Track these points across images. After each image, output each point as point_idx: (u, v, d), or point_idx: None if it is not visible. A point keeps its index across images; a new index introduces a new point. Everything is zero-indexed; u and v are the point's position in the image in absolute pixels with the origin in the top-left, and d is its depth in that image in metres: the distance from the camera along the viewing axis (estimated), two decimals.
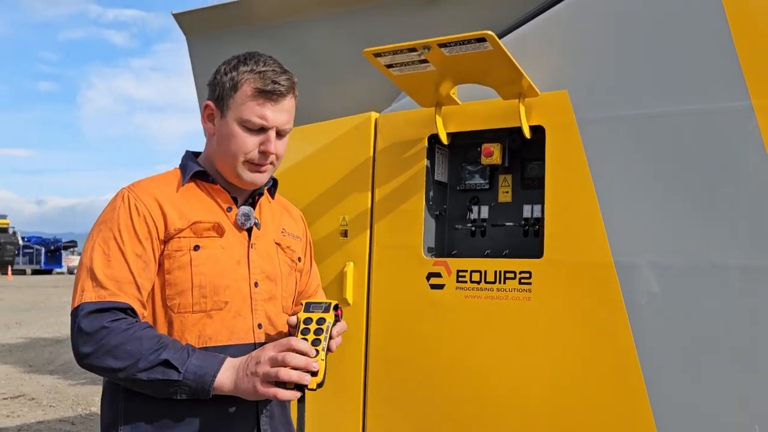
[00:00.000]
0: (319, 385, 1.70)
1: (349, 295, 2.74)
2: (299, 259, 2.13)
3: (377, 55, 2.32)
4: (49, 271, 53.51)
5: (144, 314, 1.81)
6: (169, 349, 1.70)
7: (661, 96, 2.28)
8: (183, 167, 1.98)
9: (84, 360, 1.72)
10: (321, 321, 1.78)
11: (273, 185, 2.12)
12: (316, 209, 2.82)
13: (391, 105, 2.91)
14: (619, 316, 2.26)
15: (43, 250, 53.94)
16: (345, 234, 2.79)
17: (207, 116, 1.96)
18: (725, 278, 2.14)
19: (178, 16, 3.74)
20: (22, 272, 49.64)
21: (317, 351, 1.72)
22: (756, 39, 2.16)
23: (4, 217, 47.95)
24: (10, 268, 41.45)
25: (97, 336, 1.69)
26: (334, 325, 1.81)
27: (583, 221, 2.35)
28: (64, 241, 59.95)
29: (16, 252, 46.46)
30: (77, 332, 1.72)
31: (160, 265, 1.83)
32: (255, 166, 1.91)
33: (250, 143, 1.87)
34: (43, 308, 19.58)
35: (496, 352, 2.46)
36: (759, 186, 2.11)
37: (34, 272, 51.35)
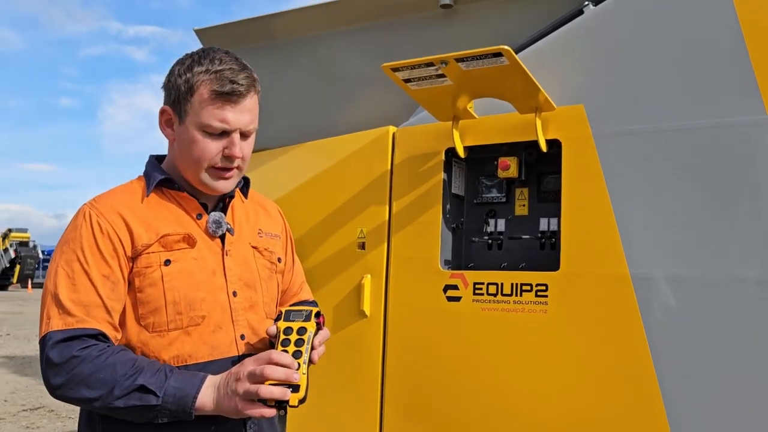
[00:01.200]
0: (301, 401, 1.60)
1: (367, 307, 2.76)
2: (279, 259, 2.02)
3: (395, 69, 2.36)
4: None
5: (117, 337, 1.72)
6: (144, 372, 1.62)
7: (677, 110, 2.30)
8: (147, 175, 1.86)
9: (56, 391, 1.64)
10: (302, 331, 1.69)
11: (245, 184, 1.99)
12: (334, 222, 2.86)
13: (409, 118, 2.94)
14: (635, 329, 2.27)
15: None
16: (362, 246, 2.82)
17: (165, 122, 1.84)
18: (743, 290, 2.15)
19: (199, 32, 3.79)
20: (41, 285, 50.08)
21: (298, 364, 1.62)
22: None
23: (24, 231, 48.37)
24: (30, 281, 41.78)
25: (67, 366, 1.60)
26: (315, 334, 1.72)
27: (600, 234, 2.37)
28: None
29: (37, 266, 46.83)
30: (46, 363, 1.64)
31: (130, 283, 1.74)
32: (220, 171, 1.79)
33: (213, 148, 1.76)
34: None
35: (512, 365, 2.47)
36: None
37: None
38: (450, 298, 2.61)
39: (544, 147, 2.49)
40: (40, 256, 53.11)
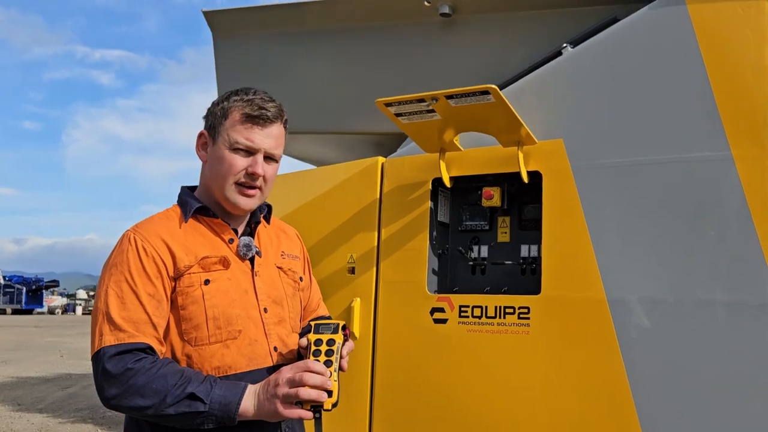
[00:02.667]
0: (334, 405, 1.78)
1: (356, 329, 2.89)
2: (301, 278, 2.21)
3: (388, 104, 2.52)
4: (29, 311, 52.93)
5: (162, 350, 1.87)
6: (193, 382, 1.77)
7: (648, 146, 2.48)
8: (183, 204, 2.04)
9: (111, 401, 1.78)
10: (331, 342, 1.86)
11: (268, 211, 2.19)
12: (325, 247, 2.99)
13: (397, 150, 3.10)
14: (611, 349, 2.43)
15: (24, 289, 53.42)
16: (352, 271, 2.96)
17: (201, 145, 2.04)
18: (711, 312, 2.32)
19: (207, 14, 3.91)
20: (2, 312, 49.03)
21: (330, 372, 1.80)
22: (735, 96, 2.37)
23: None
24: None
25: (122, 378, 1.74)
26: (343, 345, 1.89)
27: (578, 260, 2.53)
28: (45, 280, 59.42)
29: None
30: (102, 375, 1.77)
31: (173, 301, 1.90)
32: (243, 188, 1.96)
33: (238, 165, 1.94)
34: (28, 348, 19.41)
35: (497, 383, 2.61)
36: (739, 228, 2.31)
37: (15, 312, 50.77)
38: (437, 320, 2.75)
39: (525, 178, 2.65)
40: (1, 281, 51.98)
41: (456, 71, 3.27)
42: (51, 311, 57.52)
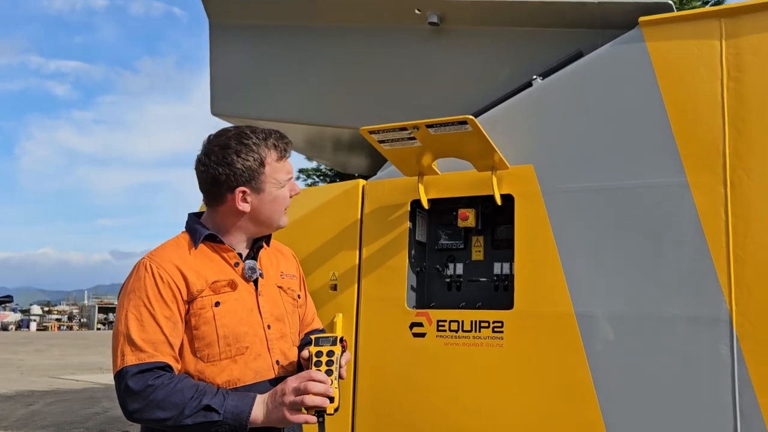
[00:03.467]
0: (336, 410, 1.99)
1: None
2: (299, 296, 2.40)
3: (372, 132, 2.69)
4: None
5: (178, 368, 2.04)
6: (207, 395, 1.96)
7: (612, 172, 2.69)
8: (192, 231, 2.20)
9: (134, 415, 1.96)
10: (330, 353, 2.05)
11: (268, 236, 2.36)
12: (309, 265, 3.13)
13: (377, 173, 3.26)
14: (579, 360, 2.62)
15: None
16: (335, 288, 3.11)
17: (241, 200, 2.16)
18: (671, 326, 2.53)
19: (207, 2, 4.01)
20: None
21: (331, 380, 2.00)
22: (690, 126, 2.59)
23: None
24: None
25: (144, 393, 1.93)
26: (341, 355, 2.09)
27: (548, 277, 2.72)
28: None
29: None
30: (125, 392, 1.95)
31: (187, 322, 2.07)
32: (285, 209, 2.26)
33: (287, 194, 2.23)
34: None
35: (473, 393, 2.78)
36: (694, 248, 2.52)
37: None
38: (416, 335, 2.92)
39: (498, 201, 2.84)
40: None
41: (443, 80, 3.45)
42: (4, 327, 56.33)
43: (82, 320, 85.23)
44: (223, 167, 2.12)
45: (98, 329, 74.32)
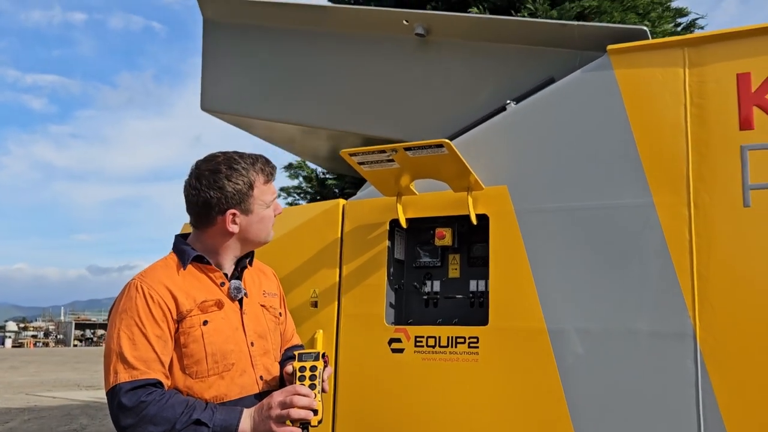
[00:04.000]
0: (320, 422, 2.12)
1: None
2: (280, 314, 2.53)
3: (352, 154, 2.78)
4: None
5: (168, 384, 2.14)
6: (197, 409, 2.06)
7: (582, 193, 2.81)
8: (179, 252, 2.31)
9: (127, 430, 2.04)
10: (313, 368, 2.18)
11: (252, 256, 2.50)
12: (290, 282, 3.21)
13: (357, 193, 3.36)
14: (551, 374, 2.72)
15: None
16: (315, 305, 3.19)
17: (231, 221, 2.29)
18: (636, 340, 2.64)
19: (202, 0, 4.13)
20: None
21: (314, 394, 2.13)
22: (655, 149, 2.72)
23: None
24: None
25: (137, 409, 2.02)
26: (323, 370, 2.22)
27: (521, 294, 2.83)
28: None
29: None
30: (118, 408, 2.04)
31: (176, 340, 2.17)
32: (271, 226, 2.43)
33: (272, 213, 2.40)
34: None
35: (450, 407, 2.87)
36: (659, 266, 2.64)
37: None
38: (394, 350, 3.00)
39: (474, 220, 2.94)
40: None
41: (428, 91, 3.56)
42: None
43: (58, 337, 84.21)
44: (214, 191, 2.23)
45: (75, 345, 73.44)
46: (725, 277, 2.57)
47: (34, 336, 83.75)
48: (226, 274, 2.34)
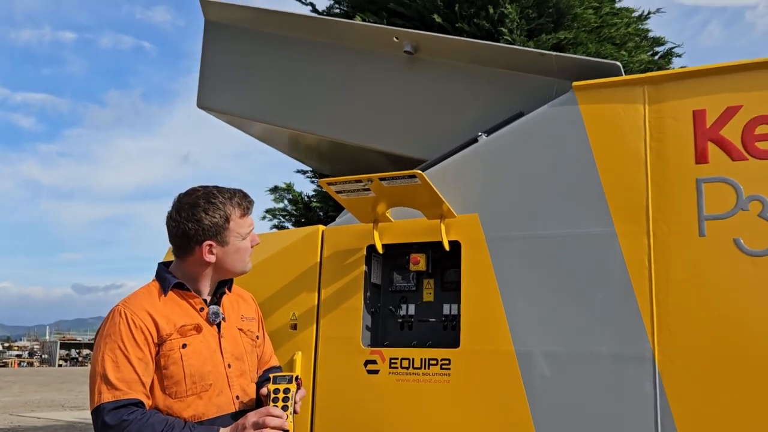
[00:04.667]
0: None
1: None
2: (257, 337, 2.67)
3: (330, 183, 2.92)
4: None
5: (149, 404, 2.27)
6: (176, 428, 2.20)
7: (548, 222, 2.95)
8: (161, 279, 2.46)
9: None
10: (287, 390, 2.33)
11: (230, 282, 2.65)
12: (270, 305, 3.33)
13: (336, 220, 3.50)
14: (519, 394, 2.85)
15: None
16: (294, 327, 3.31)
17: (208, 252, 2.44)
18: (599, 363, 2.77)
19: (204, 3, 4.31)
20: None
21: (287, 415, 2.26)
22: (618, 181, 2.87)
23: None
24: None
25: (119, 427, 2.16)
26: (296, 392, 2.36)
27: (491, 318, 2.96)
28: None
29: None
30: (102, 426, 2.18)
31: (157, 363, 2.31)
32: (249, 257, 2.57)
33: (248, 245, 2.55)
34: None
35: (422, 426, 2.99)
36: (621, 292, 2.78)
37: None
38: (370, 371, 3.12)
39: (447, 246, 3.08)
40: None
41: (416, 107, 3.72)
42: None
43: (43, 356, 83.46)
44: (192, 223, 2.38)
45: (60, 365, 72.84)
46: (682, 303, 2.71)
47: (18, 356, 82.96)
48: (205, 300, 2.49)
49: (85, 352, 79.20)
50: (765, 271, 2.62)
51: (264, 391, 2.39)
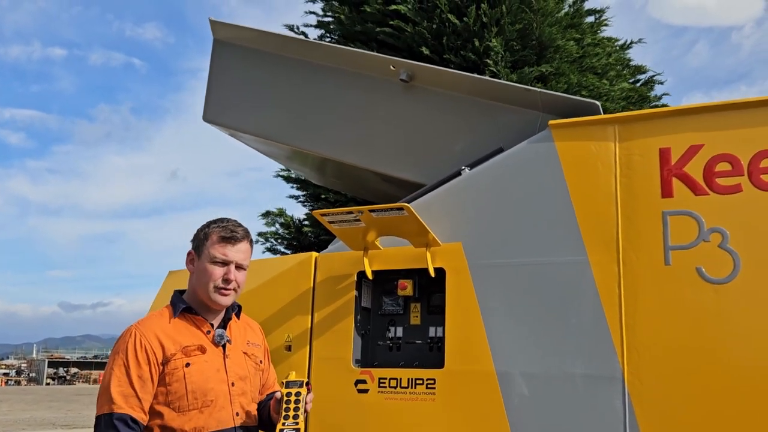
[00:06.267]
0: None
1: None
2: (261, 361, 2.87)
3: (323, 215, 3.14)
4: None
5: (144, 418, 2.48)
6: None
7: (526, 250, 3.17)
8: (173, 305, 2.71)
9: None
10: (298, 394, 2.57)
11: (239, 310, 2.87)
12: (266, 328, 3.50)
13: (329, 247, 3.70)
14: (498, 411, 3.06)
15: None
16: (289, 348, 3.51)
17: (189, 261, 2.75)
18: (573, 382, 2.98)
19: (213, 23, 4.57)
20: None
21: (297, 415, 2.50)
22: (590, 213, 3.09)
23: None
24: None
25: None
26: (307, 395, 2.59)
27: (473, 340, 3.17)
28: None
29: None
30: None
31: (162, 380, 2.52)
32: (221, 290, 2.66)
33: (217, 273, 2.64)
34: None
35: None
36: (593, 317, 3.00)
37: None
38: (360, 390, 3.32)
39: (432, 273, 3.29)
40: None
41: (409, 133, 3.96)
42: None
43: (30, 375, 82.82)
44: (194, 234, 2.73)
45: (48, 384, 72.31)
46: (649, 326, 2.93)
47: (5, 374, 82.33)
48: (212, 324, 2.70)
49: (73, 370, 78.65)
50: (725, 297, 2.85)
51: (277, 395, 2.60)
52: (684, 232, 2.95)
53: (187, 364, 2.54)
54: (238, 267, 2.72)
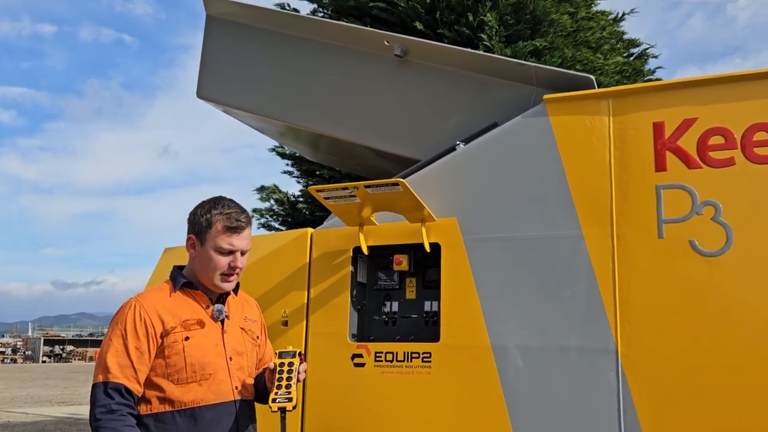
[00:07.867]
0: (294, 407, 2.57)
1: None
2: (257, 337, 2.90)
3: (319, 191, 3.14)
4: None
5: (138, 389, 2.51)
6: None
7: (521, 224, 3.19)
8: (173, 279, 2.73)
9: (91, 423, 2.46)
10: (291, 364, 2.63)
11: (236, 287, 2.88)
12: (263, 304, 3.53)
13: (324, 223, 3.72)
14: (494, 385, 3.09)
15: None
16: (286, 324, 3.53)
17: (190, 245, 2.73)
18: (568, 355, 3.02)
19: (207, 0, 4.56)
20: None
21: (290, 385, 2.57)
22: (584, 187, 3.11)
23: None
24: None
25: (96, 425, 2.42)
26: (300, 364, 2.66)
27: (468, 314, 3.20)
28: None
29: None
30: (92, 402, 2.47)
31: (162, 353, 2.55)
32: (226, 276, 2.70)
33: (223, 262, 2.68)
34: None
35: (405, 415, 3.23)
36: (587, 290, 3.02)
37: None
38: (356, 364, 3.35)
39: (427, 248, 3.31)
40: None
41: (405, 107, 3.95)
42: None
43: (26, 353, 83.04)
44: (191, 215, 2.71)
45: (44, 362, 72.53)
46: (642, 299, 2.96)
47: (1, 352, 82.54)
48: (211, 299, 2.72)
49: (69, 348, 78.87)
50: (717, 270, 2.87)
51: (271, 365, 2.66)
52: (677, 206, 2.97)
53: (187, 338, 2.57)
54: (242, 252, 2.75)
